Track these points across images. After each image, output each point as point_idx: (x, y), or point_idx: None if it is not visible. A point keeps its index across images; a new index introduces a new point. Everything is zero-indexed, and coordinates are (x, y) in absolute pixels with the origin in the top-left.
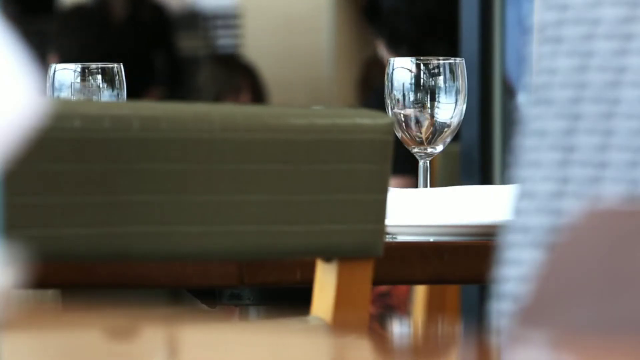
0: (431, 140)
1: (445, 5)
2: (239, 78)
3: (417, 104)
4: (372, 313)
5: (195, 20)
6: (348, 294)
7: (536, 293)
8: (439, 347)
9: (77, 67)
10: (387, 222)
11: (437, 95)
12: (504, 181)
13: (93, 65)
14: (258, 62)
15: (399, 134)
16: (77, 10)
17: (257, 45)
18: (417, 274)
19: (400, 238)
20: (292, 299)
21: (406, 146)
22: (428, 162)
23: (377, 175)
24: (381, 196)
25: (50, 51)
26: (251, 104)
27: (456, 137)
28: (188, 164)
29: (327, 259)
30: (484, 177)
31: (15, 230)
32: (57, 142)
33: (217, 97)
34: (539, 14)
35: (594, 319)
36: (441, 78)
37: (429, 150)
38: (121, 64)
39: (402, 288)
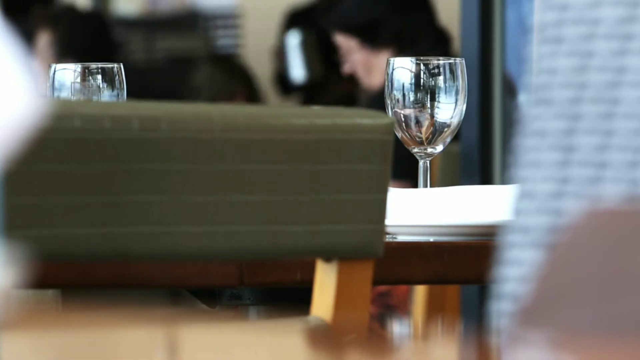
0: (431, 140)
1: None
2: (234, 81)
3: (417, 104)
4: (372, 313)
5: (195, 20)
6: (348, 294)
7: (536, 293)
8: (438, 347)
9: (77, 67)
10: (387, 222)
11: (437, 95)
12: (504, 181)
13: (93, 65)
14: (258, 62)
15: (399, 134)
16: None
17: (257, 45)
18: (417, 274)
19: (400, 238)
20: (292, 299)
21: (406, 146)
22: (428, 162)
23: (377, 175)
24: (381, 196)
25: (63, 56)
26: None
27: (456, 137)
28: (188, 164)
29: (327, 259)
30: (484, 177)
31: (15, 230)
32: (57, 142)
33: (213, 99)
34: (539, 14)
35: (594, 319)
36: (441, 78)
37: (429, 150)
38: (121, 64)
39: (402, 288)
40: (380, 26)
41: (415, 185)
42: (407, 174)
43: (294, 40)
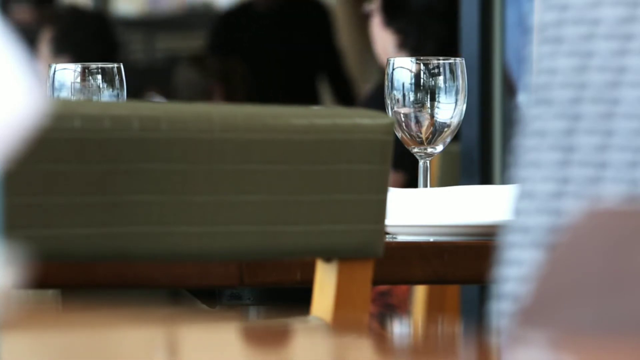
0: (431, 140)
1: None
2: (211, 80)
3: (417, 104)
4: (372, 312)
5: (195, 20)
6: (348, 294)
7: (536, 293)
8: (439, 347)
9: (77, 67)
10: (387, 222)
11: (437, 95)
12: (504, 181)
13: (93, 65)
14: None
15: (399, 134)
16: (77, 10)
17: None
18: (417, 274)
19: (400, 238)
20: (292, 299)
21: (406, 146)
22: (428, 162)
23: (377, 175)
24: (381, 196)
25: (59, 53)
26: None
27: (456, 137)
28: (188, 164)
29: (327, 259)
30: (484, 177)
31: (15, 230)
32: (57, 142)
33: (191, 99)
34: (539, 14)
35: (594, 319)
36: (441, 78)
37: (429, 150)
38: (121, 64)
39: (402, 287)
40: (401, 12)
41: (410, 178)
42: (401, 167)
43: None
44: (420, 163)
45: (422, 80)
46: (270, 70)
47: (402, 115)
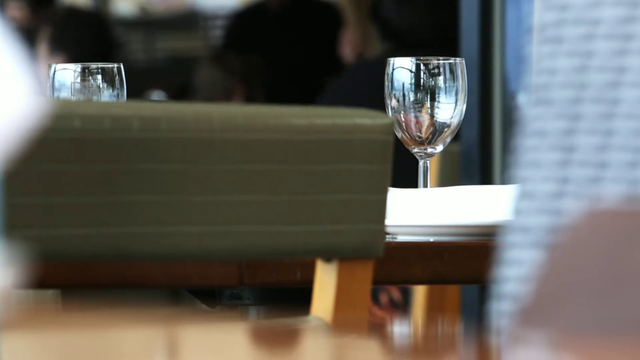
0: (431, 140)
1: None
2: (233, 79)
3: (417, 104)
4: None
5: (195, 20)
6: (348, 294)
7: (536, 293)
8: (439, 347)
9: (77, 67)
10: (387, 222)
11: (437, 95)
12: (504, 181)
13: (93, 65)
14: None
15: (399, 134)
16: (74, 9)
17: None
18: (417, 274)
19: (400, 238)
20: (292, 299)
21: (406, 146)
22: (428, 162)
23: (377, 175)
24: (381, 196)
25: (55, 52)
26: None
27: (456, 137)
28: (188, 164)
29: (327, 259)
30: (484, 177)
31: (15, 230)
32: (57, 142)
33: (211, 99)
34: (539, 14)
35: (594, 319)
36: (441, 78)
37: (429, 150)
38: (121, 64)
39: None
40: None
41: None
42: None
43: None
44: (420, 163)
45: (422, 80)
46: (278, 70)
47: (402, 115)
